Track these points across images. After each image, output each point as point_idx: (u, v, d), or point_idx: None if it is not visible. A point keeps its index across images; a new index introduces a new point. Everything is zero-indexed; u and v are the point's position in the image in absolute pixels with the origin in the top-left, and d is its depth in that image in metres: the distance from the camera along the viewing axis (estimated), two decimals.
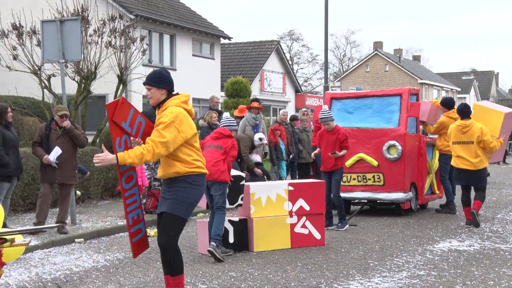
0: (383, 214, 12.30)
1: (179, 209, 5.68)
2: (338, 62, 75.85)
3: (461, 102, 11.94)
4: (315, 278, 7.15)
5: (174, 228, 5.68)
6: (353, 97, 12.62)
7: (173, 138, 5.51)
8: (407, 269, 7.57)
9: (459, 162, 10.85)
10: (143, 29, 25.08)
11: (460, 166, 10.85)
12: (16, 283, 7.15)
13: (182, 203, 5.68)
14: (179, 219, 5.69)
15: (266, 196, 8.96)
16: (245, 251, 8.74)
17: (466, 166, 10.79)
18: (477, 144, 10.71)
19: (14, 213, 11.62)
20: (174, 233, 5.68)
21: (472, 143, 10.73)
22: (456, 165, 10.94)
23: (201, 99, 29.57)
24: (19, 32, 15.29)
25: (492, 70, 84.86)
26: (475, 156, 10.72)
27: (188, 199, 5.69)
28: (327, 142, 10.65)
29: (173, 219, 5.68)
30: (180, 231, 5.75)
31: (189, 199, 5.70)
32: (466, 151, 10.75)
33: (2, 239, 5.72)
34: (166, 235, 5.67)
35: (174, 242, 5.69)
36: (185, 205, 5.69)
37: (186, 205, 5.69)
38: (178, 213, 5.67)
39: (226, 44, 38.25)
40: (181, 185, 5.69)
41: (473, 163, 10.73)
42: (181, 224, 5.72)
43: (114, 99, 16.09)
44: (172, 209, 5.68)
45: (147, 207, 12.04)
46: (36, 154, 10.19)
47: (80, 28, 11.01)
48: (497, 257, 8.27)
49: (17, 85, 20.31)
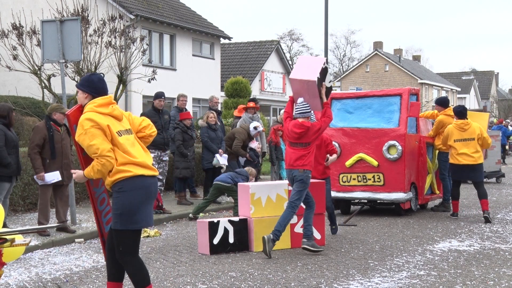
0: (383, 214, 12.30)
1: (114, 222, 5.48)
2: (338, 62, 75.97)
3: (459, 105, 12.44)
4: (315, 278, 7.15)
5: (118, 242, 5.48)
6: (353, 97, 12.62)
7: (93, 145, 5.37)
8: (407, 269, 7.58)
9: (461, 158, 11.53)
10: (143, 29, 25.07)
11: (462, 162, 11.53)
12: (16, 283, 7.15)
13: (114, 215, 5.48)
14: (118, 232, 5.47)
15: (266, 196, 8.96)
16: (245, 251, 8.74)
17: (468, 161, 11.48)
18: (477, 140, 11.53)
19: (14, 213, 11.62)
20: (122, 248, 5.46)
21: (473, 139, 11.52)
22: (458, 162, 11.56)
23: (201, 99, 29.58)
24: (19, 32, 15.29)
25: (492, 70, 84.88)
26: (476, 151, 11.53)
27: (117, 210, 5.44)
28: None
29: (115, 233, 5.50)
30: (128, 243, 5.47)
31: (117, 210, 5.42)
32: (468, 147, 11.49)
33: (2, 239, 5.72)
34: (117, 251, 5.51)
35: (127, 256, 5.49)
36: (117, 216, 5.45)
37: (117, 216, 5.44)
38: (114, 227, 5.48)
39: (226, 44, 38.26)
40: (113, 196, 5.49)
41: (475, 158, 11.50)
42: (122, 236, 5.46)
43: (114, 99, 16.15)
44: (112, 224, 5.54)
45: None
46: (35, 164, 9.66)
47: (80, 28, 11.00)
48: (497, 257, 8.27)
49: (17, 85, 20.32)
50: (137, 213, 5.44)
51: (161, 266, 7.90)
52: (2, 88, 22.71)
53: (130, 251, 5.48)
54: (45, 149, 9.76)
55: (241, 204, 9.17)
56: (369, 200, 12.36)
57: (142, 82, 17.74)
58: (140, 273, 5.50)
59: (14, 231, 5.95)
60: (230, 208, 13.29)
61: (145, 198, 5.49)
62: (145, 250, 8.98)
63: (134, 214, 5.42)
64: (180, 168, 13.20)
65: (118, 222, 5.43)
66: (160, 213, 11.97)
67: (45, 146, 9.76)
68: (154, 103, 12.48)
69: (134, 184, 5.43)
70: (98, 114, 5.49)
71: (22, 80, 20.50)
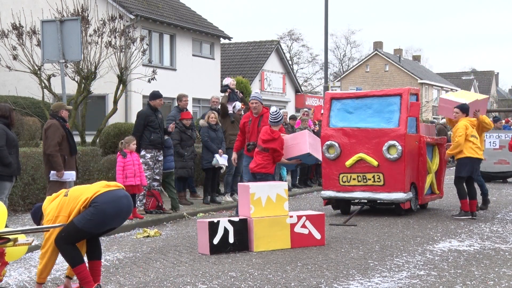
0: (383, 214, 12.30)
1: (79, 220, 6.17)
2: (338, 62, 75.92)
3: (464, 103, 12.31)
4: (315, 278, 7.15)
5: (67, 232, 6.16)
6: (353, 97, 12.61)
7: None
8: (407, 269, 7.57)
9: (479, 152, 11.92)
10: (143, 29, 25.08)
11: (477, 156, 11.87)
12: (16, 283, 7.15)
13: (82, 217, 6.20)
14: (74, 227, 6.16)
15: (266, 196, 8.95)
16: (245, 251, 8.74)
17: (480, 156, 11.95)
18: (478, 131, 12.14)
19: (14, 213, 11.62)
20: (65, 235, 6.14)
21: (478, 136, 12.02)
22: (476, 155, 11.83)
23: (201, 99, 29.58)
24: (19, 32, 15.30)
25: (492, 70, 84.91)
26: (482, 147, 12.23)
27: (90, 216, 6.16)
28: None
29: (71, 225, 6.16)
30: (74, 237, 6.20)
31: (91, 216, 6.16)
32: (479, 142, 12.01)
33: (5, 238, 5.72)
34: (59, 235, 6.17)
35: (66, 244, 6.18)
36: (84, 218, 6.17)
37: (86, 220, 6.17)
38: (76, 223, 6.15)
39: (226, 44, 38.25)
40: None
41: (482, 152, 12.11)
42: (76, 231, 6.16)
43: (114, 99, 16.20)
44: (74, 219, 6.19)
45: (147, 207, 12.03)
46: (57, 161, 9.79)
47: (80, 28, 11.03)
48: (497, 257, 8.27)
49: (17, 85, 20.33)
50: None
51: (161, 266, 7.90)
52: (2, 88, 22.72)
53: (71, 242, 6.19)
54: (62, 146, 9.80)
55: (241, 204, 9.17)
56: (369, 200, 12.37)
57: (142, 82, 17.75)
58: (74, 253, 6.23)
59: (17, 231, 5.95)
60: (230, 208, 13.30)
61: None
62: (145, 250, 8.98)
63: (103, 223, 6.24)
64: (177, 168, 13.19)
65: (82, 222, 6.11)
66: (160, 213, 11.97)
67: (62, 143, 9.81)
68: (154, 102, 12.44)
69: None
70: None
71: (22, 80, 20.52)
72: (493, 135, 19.50)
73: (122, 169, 11.15)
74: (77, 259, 6.23)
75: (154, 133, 12.17)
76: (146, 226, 11.10)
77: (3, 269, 5.85)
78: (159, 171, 12.39)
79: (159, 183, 12.49)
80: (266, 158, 10.52)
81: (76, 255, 6.24)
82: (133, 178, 11.23)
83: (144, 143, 12.11)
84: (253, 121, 11.50)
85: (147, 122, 12.17)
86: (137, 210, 11.50)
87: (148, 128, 12.17)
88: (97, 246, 6.51)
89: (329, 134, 12.32)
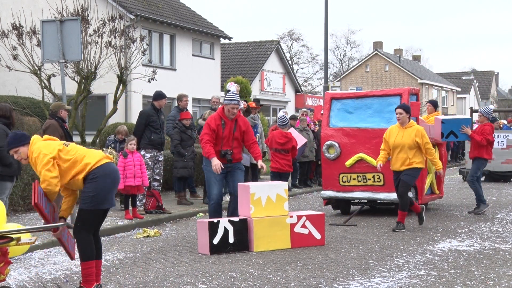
0: (383, 214, 12.30)
1: (85, 203, 6.32)
2: (338, 62, 75.87)
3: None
4: (315, 278, 7.15)
5: (82, 220, 6.36)
6: (353, 97, 12.61)
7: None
8: (407, 269, 7.58)
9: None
10: (143, 29, 25.08)
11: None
12: (16, 283, 7.15)
13: (87, 197, 6.31)
14: (85, 212, 6.33)
15: (266, 196, 8.95)
16: (245, 251, 8.74)
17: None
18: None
19: (14, 213, 11.62)
20: (80, 224, 6.35)
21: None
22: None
23: (201, 99, 29.59)
24: (19, 32, 15.31)
25: (492, 70, 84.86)
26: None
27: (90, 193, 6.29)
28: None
29: (82, 213, 6.35)
30: (90, 222, 6.36)
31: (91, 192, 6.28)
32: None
33: (9, 237, 5.71)
34: (75, 226, 6.40)
35: (83, 233, 6.33)
36: (89, 198, 6.29)
37: (89, 198, 6.30)
38: (84, 207, 6.32)
39: (226, 44, 38.25)
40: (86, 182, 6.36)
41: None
42: (90, 215, 6.34)
43: (114, 99, 16.21)
44: (80, 205, 6.37)
45: (147, 207, 12.03)
46: None
47: (80, 28, 11.01)
48: (497, 257, 8.27)
49: (17, 85, 20.33)
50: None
51: (161, 266, 7.90)
52: (2, 88, 22.72)
53: (88, 229, 6.35)
54: None
55: (241, 204, 9.16)
56: (369, 200, 12.36)
57: (142, 82, 17.77)
58: (89, 248, 6.33)
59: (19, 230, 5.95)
60: None
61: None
62: (145, 250, 8.98)
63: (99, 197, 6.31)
64: (178, 168, 13.21)
65: (89, 203, 6.26)
66: (160, 213, 11.97)
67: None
68: (157, 103, 12.45)
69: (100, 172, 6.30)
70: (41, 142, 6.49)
71: (22, 80, 20.52)
72: (500, 135, 19.34)
73: (122, 169, 11.15)
74: (89, 254, 6.34)
75: (154, 133, 12.19)
76: (146, 226, 11.10)
77: (7, 268, 5.85)
78: (159, 171, 12.40)
79: (159, 183, 12.49)
80: (289, 157, 12.16)
81: (90, 250, 6.35)
82: (133, 178, 11.22)
83: (144, 142, 12.12)
84: (228, 125, 9.76)
85: (148, 122, 12.20)
86: (137, 210, 11.49)
87: (149, 128, 12.20)
88: (98, 245, 6.51)
89: (329, 134, 12.33)
